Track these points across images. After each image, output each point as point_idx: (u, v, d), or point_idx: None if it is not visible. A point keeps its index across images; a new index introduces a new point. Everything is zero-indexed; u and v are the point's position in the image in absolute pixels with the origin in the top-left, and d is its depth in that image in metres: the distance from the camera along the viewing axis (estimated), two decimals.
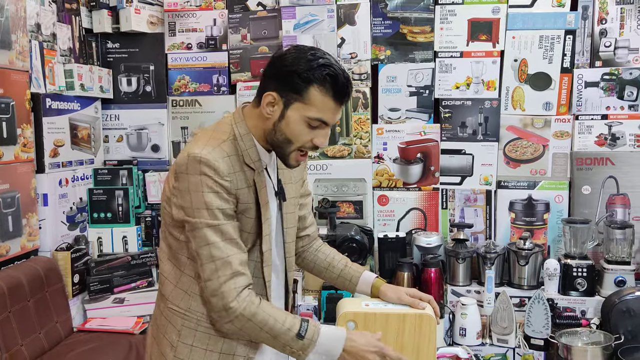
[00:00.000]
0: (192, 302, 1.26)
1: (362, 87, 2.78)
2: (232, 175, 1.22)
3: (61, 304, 2.39)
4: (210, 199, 1.19)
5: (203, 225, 1.19)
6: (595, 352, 2.18)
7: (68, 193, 2.60)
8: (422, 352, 1.28)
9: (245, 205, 1.25)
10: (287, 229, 1.37)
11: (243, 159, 1.25)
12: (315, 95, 1.19)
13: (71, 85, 2.60)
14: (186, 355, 1.26)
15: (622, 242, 2.47)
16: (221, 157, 1.21)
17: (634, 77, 2.59)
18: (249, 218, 1.26)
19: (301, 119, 1.21)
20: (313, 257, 1.52)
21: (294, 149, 1.24)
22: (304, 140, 1.23)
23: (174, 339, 1.27)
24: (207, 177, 1.19)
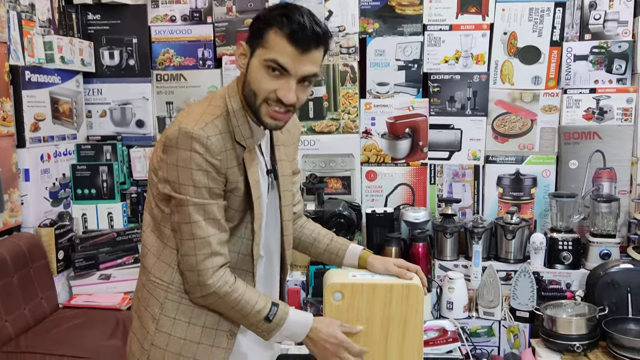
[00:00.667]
0: (175, 274, 1.24)
1: (350, 61, 2.74)
2: (223, 154, 1.19)
3: (46, 280, 2.36)
4: (198, 177, 1.16)
5: (188, 202, 1.17)
6: (580, 324, 2.21)
7: (50, 169, 2.55)
8: (410, 322, 1.28)
9: (234, 184, 1.22)
10: (284, 206, 1.35)
11: (234, 136, 1.21)
12: (273, 37, 1.14)
13: (51, 57, 2.53)
14: (168, 328, 1.24)
15: (608, 216, 2.49)
16: (214, 134, 1.17)
17: (622, 50, 2.57)
18: (237, 196, 1.24)
19: (260, 63, 1.16)
20: (298, 233, 1.50)
21: (260, 101, 1.18)
22: (266, 89, 1.16)
23: (157, 311, 1.25)
24: (197, 155, 1.15)
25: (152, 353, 1.25)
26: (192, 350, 1.24)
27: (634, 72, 2.59)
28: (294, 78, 1.16)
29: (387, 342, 1.28)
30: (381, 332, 1.28)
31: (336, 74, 2.74)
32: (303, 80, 1.18)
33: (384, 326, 1.28)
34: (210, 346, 1.25)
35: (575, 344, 2.18)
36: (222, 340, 1.26)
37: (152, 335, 1.25)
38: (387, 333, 1.28)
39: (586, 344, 2.19)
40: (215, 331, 1.26)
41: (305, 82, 1.18)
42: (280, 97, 1.16)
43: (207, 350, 1.25)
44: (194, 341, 1.24)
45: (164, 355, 1.24)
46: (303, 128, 2.76)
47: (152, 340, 1.25)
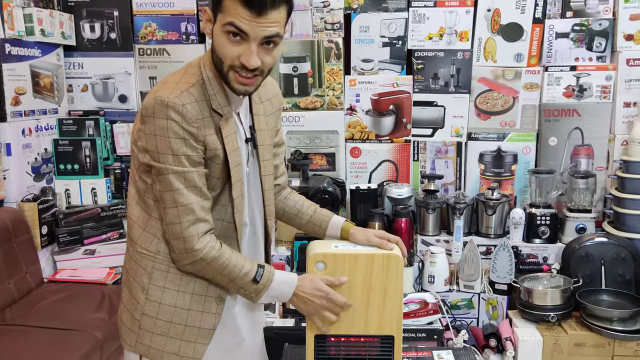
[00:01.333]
0: (161, 245, 1.26)
1: (334, 37, 2.74)
2: (200, 122, 1.19)
3: (30, 255, 2.37)
4: (177, 145, 1.17)
5: (168, 171, 1.18)
6: (555, 295, 2.28)
7: (32, 143, 2.53)
8: (390, 291, 1.32)
9: (213, 152, 1.23)
10: (265, 176, 1.36)
11: (211, 105, 1.21)
12: (228, 1, 1.13)
13: (31, 30, 2.49)
14: (158, 297, 1.26)
15: (585, 192, 2.55)
16: (189, 101, 1.17)
17: (603, 28, 2.61)
18: (217, 164, 1.25)
19: (220, 29, 1.14)
20: (282, 204, 1.52)
21: (227, 68, 1.17)
22: (230, 55, 1.15)
23: (145, 282, 1.27)
24: (173, 123, 1.16)
25: (144, 322, 1.27)
26: (183, 317, 1.26)
27: (613, 50, 2.63)
28: (254, 41, 1.14)
29: (368, 309, 1.32)
30: (362, 299, 1.32)
31: (321, 50, 2.74)
32: (267, 43, 1.15)
33: (365, 294, 1.31)
34: (201, 312, 1.27)
35: (550, 314, 2.26)
36: (211, 306, 1.28)
37: (142, 305, 1.27)
38: (368, 300, 1.32)
39: (560, 314, 2.26)
40: (205, 297, 1.28)
41: (270, 45, 1.16)
42: (243, 63, 1.15)
43: (197, 316, 1.27)
44: (184, 308, 1.26)
45: (155, 323, 1.26)
46: (288, 104, 2.77)
47: (142, 309, 1.27)
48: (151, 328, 1.27)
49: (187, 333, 1.27)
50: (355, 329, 1.33)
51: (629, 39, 2.58)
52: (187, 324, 1.27)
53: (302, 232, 2.52)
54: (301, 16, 2.73)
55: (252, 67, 1.15)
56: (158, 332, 1.26)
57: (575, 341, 2.22)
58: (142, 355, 1.29)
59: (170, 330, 1.26)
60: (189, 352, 1.27)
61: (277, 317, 2.39)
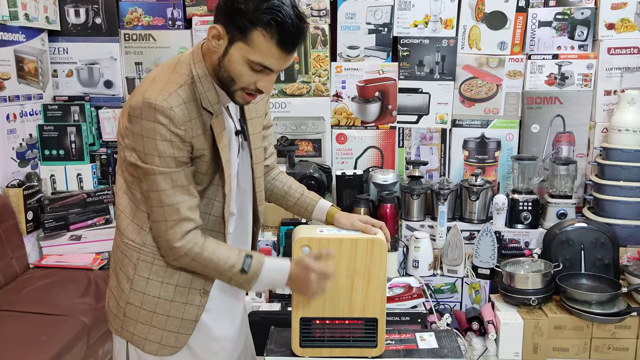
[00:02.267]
0: (147, 237, 1.27)
1: (321, 23, 2.74)
2: (188, 124, 1.19)
3: (15, 240, 2.36)
4: (163, 147, 1.17)
5: (155, 172, 1.18)
6: (536, 279, 2.33)
7: (17, 129, 2.52)
8: (374, 275, 1.35)
9: (200, 152, 1.24)
10: (256, 164, 1.38)
11: (201, 103, 1.21)
12: (259, 39, 1.12)
13: (15, 14, 2.46)
14: (142, 287, 1.28)
15: (566, 178, 2.60)
16: (177, 104, 1.17)
17: (585, 16, 2.65)
18: (204, 162, 1.25)
19: (243, 60, 1.15)
20: (270, 185, 1.54)
21: (238, 88, 1.20)
22: (247, 81, 1.18)
23: (130, 272, 1.28)
24: (160, 126, 1.16)
25: (128, 310, 1.29)
26: (166, 308, 1.28)
27: (594, 38, 2.67)
28: (276, 73, 1.19)
29: (352, 291, 1.35)
30: (347, 282, 1.35)
31: (307, 37, 2.74)
32: None
33: (350, 277, 1.35)
34: (184, 304, 1.29)
35: (531, 298, 2.31)
36: (195, 297, 1.30)
37: (127, 294, 1.29)
38: (352, 283, 1.35)
39: (541, 298, 2.32)
40: (189, 289, 1.29)
41: None
42: (261, 89, 1.19)
43: (180, 308, 1.29)
44: (167, 299, 1.28)
45: (138, 312, 1.28)
46: (274, 90, 2.77)
47: (127, 298, 1.29)
48: (135, 316, 1.29)
49: (169, 323, 1.28)
50: (340, 312, 1.37)
51: (610, 27, 2.62)
52: (169, 314, 1.28)
53: (288, 218, 2.58)
54: None
55: (268, 93, 1.21)
56: (141, 321, 1.28)
57: (555, 324, 2.28)
58: (127, 340, 1.32)
59: (153, 320, 1.28)
60: (170, 342, 1.29)
61: (263, 301, 2.42)
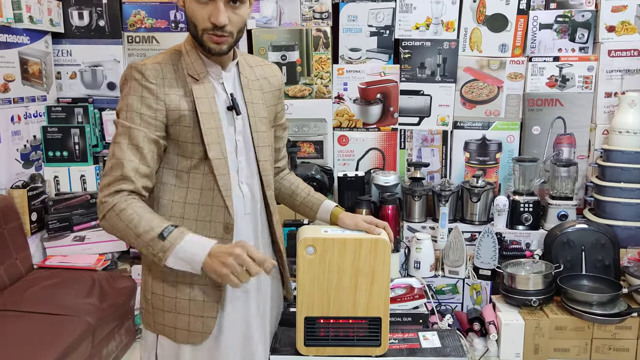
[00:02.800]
0: None
1: (323, 26, 2.76)
2: (160, 80, 1.26)
3: (20, 241, 2.38)
4: (132, 101, 1.24)
5: (119, 124, 1.25)
6: (537, 280, 2.34)
7: (21, 130, 2.53)
8: (377, 275, 1.36)
9: (176, 113, 1.26)
10: (259, 147, 1.38)
11: (187, 72, 1.29)
12: None
13: (19, 17, 2.48)
14: (160, 274, 1.31)
15: (566, 179, 2.62)
16: (151, 63, 1.28)
17: (585, 19, 2.66)
18: (186, 127, 1.27)
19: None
20: (278, 184, 1.56)
21: (201, 32, 1.25)
22: (201, 18, 1.24)
23: (149, 261, 1.32)
24: (134, 81, 1.25)
25: (154, 301, 1.33)
26: (186, 292, 1.30)
27: (595, 41, 2.69)
28: (220, 2, 1.22)
29: (356, 291, 1.37)
30: (351, 282, 1.36)
31: (309, 39, 2.76)
32: (233, 2, 1.24)
33: (354, 277, 1.36)
34: (204, 285, 1.31)
35: (532, 299, 2.31)
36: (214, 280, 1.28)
37: (150, 285, 1.33)
38: (356, 283, 1.36)
39: (542, 299, 2.32)
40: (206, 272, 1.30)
41: (235, 3, 1.25)
42: (213, 22, 1.23)
43: (200, 290, 1.31)
44: (185, 282, 1.30)
45: (163, 300, 1.32)
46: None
47: (151, 289, 1.33)
48: (161, 306, 1.32)
49: (192, 307, 1.31)
50: (344, 311, 1.38)
51: (610, 30, 2.64)
52: (190, 297, 1.30)
53: (290, 219, 2.59)
54: (290, 5, 2.75)
55: (220, 24, 1.23)
56: (167, 309, 1.31)
57: (556, 325, 2.28)
58: (159, 333, 1.34)
59: (177, 305, 1.31)
60: (198, 327, 1.31)
61: None
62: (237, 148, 1.35)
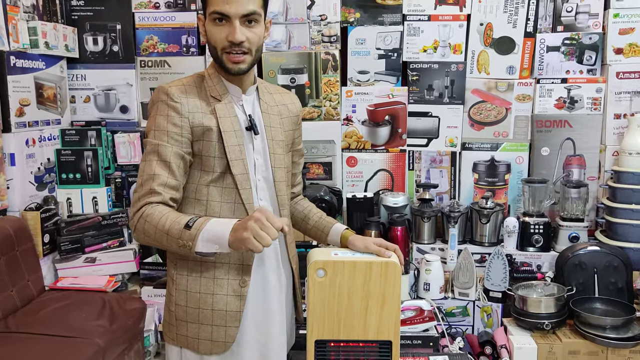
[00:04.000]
0: None
1: (331, 49, 2.80)
2: (185, 99, 1.33)
3: (32, 263, 2.40)
4: (160, 121, 1.32)
5: (149, 143, 1.32)
6: (549, 303, 2.32)
7: (35, 153, 2.57)
8: (388, 298, 1.36)
9: (201, 129, 1.33)
10: (275, 168, 1.44)
11: (210, 94, 1.37)
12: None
13: (35, 43, 2.55)
14: (184, 285, 1.35)
15: (577, 201, 2.61)
16: (176, 85, 1.36)
17: (593, 41, 2.68)
18: (211, 142, 1.34)
19: (210, 21, 1.33)
20: (292, 208, 1.60)
21: (220, 51, 1.33)
22: (219, 38, 1.32)
23: (173, 273, 1.37)
24: (161, 102, 1.33)
25: (177, 312, 1.36)
26: (209, 302, 1.34)
27: (603, 63, 2.70)
28: (235, 19, 1.30)
29: (367, 314, 1.36)
30: (361, 305, 1.36)
31: (318, 62, 2.80)
32: (248, 22, 1.32)
33: (364, 300, 1.36)
34: (225, 295, 1.34)
35: (545, 322, 2.29)
36: (235, 289, 1.35)
37: (174, 296, 1.37)
38: (367, 306, 1.36)
39: (555, 322, 2.30)
40: (227, 281, 1.34)
41: (251, 23, 1.33)
42: (230, 40, 1.31)
43: (222, 300, 1.34)
44: (208, 293, 1.34)
45: (186, 311, 1.35)
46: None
47: (175, 300, 1.36)
48: (184, 317, 1.35)
49: (215, 317, 1.34)
50: (355, 334, 1.37)
51: (618, 52, 2.66)
52: (213, 308, 1.34)
53: (299, 240, 2.60)
54: (299, 29, 2.80)
55: (237, 40, 1.30)
56: (191, 320, 1.34)
57: (569, 349, 2.25)
58: (182, 346, 1.36)
59: (200, 316, 1.34)
60: (221, 336, 1.34)
61: None
62: (255, 166, 1.41)
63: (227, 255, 1.36)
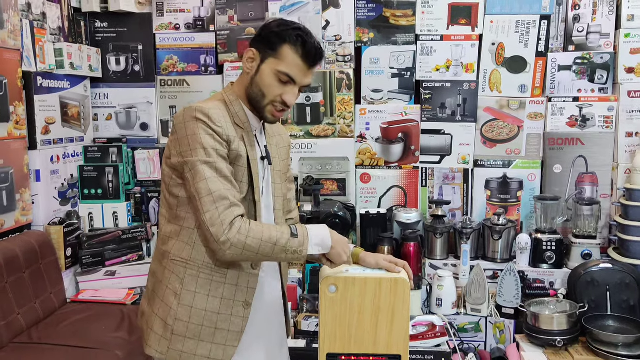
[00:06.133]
0: (193, 251, 1.38)
1: (346, 68, 2.87)
2: (223, 123, 1.36)
3: (55, 276, 2.48)
4: (206, 139, 1.32)
5: (200, 162, 1.31)
6: (561, 320, 2.33)
7: (59, 169, 2.67)
8: (397, 313, 1.41)
9: (235, 153, 1.38)
10: (275, 197, 1.51)
11: (234, 120, 1.40)
12: (287, 52, 1.35)
13: (61, 64, 2.65)
14: (189, 301, 1.37)
15: (590, 218, 2.62)
16: (213, 107, 1.37)
17: (604, 61, 2.71)
18: (241, 167, 1.39)
19: (272, 72, 1.36)
20: None
21: (267, 102, 1.38)
22: (274, 94, 1.37)
23: (178, 287, 1.38)
24: (201, 122, 1.33)
25: (177, 327, 1.37)
26: (213, 320, 1.37)
27: (614, 82, 2.73)
28: (298, 86, 1.39)
29: (377, 329, 1.41)
30: (372, 320, 1.41)
31: (332, 81, 2.87)
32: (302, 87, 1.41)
33: (374, 315, 1.40)
34: (229, 315, 1.38)
35: (557, 339, 2.30)
36: (239, 309, 1.40)
37: (175, 310, 1.37)
38: (377, 321, 1.40)
39: (567, 339, 2.30)
40: (233, 302, 1.39)
41: (303, 88, 1.42)
42: (286, 101, 1.38)
43: (226, 320, 1.38)
44: (214, 312, 1.37)
45: (187, 327, 1.37)
46: (301, 132, 2.90)
47: (175, 314, 1.37)
48: (183, 332, 1.37)
49: (217, 336, 1.37)
50: (365, 348, 1.42)
51: (629, 71, 2.68)
52: (217, 327, 1.37)
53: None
54: None
55: (291, 104, 1.38)
56: (190, 336, 1.37)
57: None
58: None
59: (201, 333, 1.37)
60: (219, 355, 1.37)
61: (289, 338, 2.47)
62: (261, 194, 1.46)
63: (236, 277, 1.40)
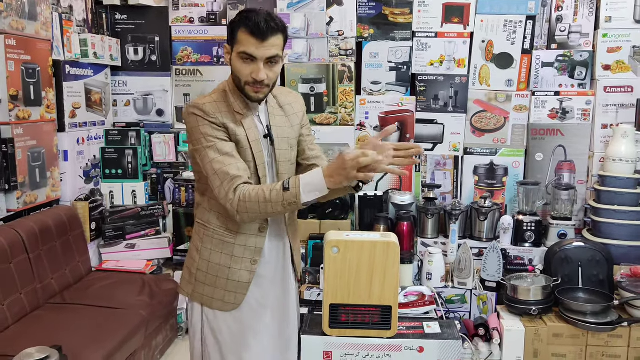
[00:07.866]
0: (210, 216, 1.63)
1: (347, 62, 3.10)
2: (218, 114, 1.53)
3: (81, 247, 2.73)
4: (205, 129, 1.51)
5: (204, 148, 1.52)
6: (537, 291, 2.57)
7: (84, 150, 2.91)
8: (389, 271, 1.67)
9: (235, 137, 1.55)
10: (280, 162, 1.69)
11: (233, 109, 1.56)
12: (241, 34, 1.48)
13: (85, 53, 2.89)
14: (207, 256, 1.63)
15: (566, 202, 2.88)
16: (208, 102, 1.54)
17: (584, 59, 2.96)
18: (244, 148, 1.59)
19: (237, 56, 1.50)
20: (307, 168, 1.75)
21: (244, 83, 1.52)
22: (245, 74, 1.50)
23: (199, 244, 1.64)
24: (198, 117, 1.52)
25: (198, 275, 1.64)
26: (225, 273, 1.62)
27: (592, 78, 2.97)
28: (260, 61, 1.49)
29: (371, 284, 1.67)
30: (367, 277, 1.67)
31: (335, 73, 3.11)
32: (270, 62, 1.51)
33: (369, 273, 1.66)
34: (239, 269, 1.62)
35: (532, 308, 2.54)
36: (247, 265, 1.63)
37: (197, 262, 1.64)
38: (371, 278, 1.67)
39: (541, 308, 2.55)
40: (242, 259, 1.63)
41: (272, 63, 1.51)
42: (254, 77, 1.50)
43: (236, 273, 1.62)
44: (226, 266, 1.62)
45: (205, 276, 1.63)
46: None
47: (197, 266, 1.64)
48: (203, 280, 1.63)
49: (229, 285, 1.62)
50: (362, 300, 1.68)
51: (606, 69, 2.93)
52: (228, 278, 1.62)
53: (315, 232, 2.90)
54: (318, 43, 3.11)
55: (260, 79, 1.52)
56: (208, 283, 1.62)
57: (553, 332, 2.50)
58: (195, 301, 1.64)
59: (217, 282, 1.62)
60: (231, 299, 1.62)
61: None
62: (266, 168, 1.66)
63: (245, 240, 1.62)
